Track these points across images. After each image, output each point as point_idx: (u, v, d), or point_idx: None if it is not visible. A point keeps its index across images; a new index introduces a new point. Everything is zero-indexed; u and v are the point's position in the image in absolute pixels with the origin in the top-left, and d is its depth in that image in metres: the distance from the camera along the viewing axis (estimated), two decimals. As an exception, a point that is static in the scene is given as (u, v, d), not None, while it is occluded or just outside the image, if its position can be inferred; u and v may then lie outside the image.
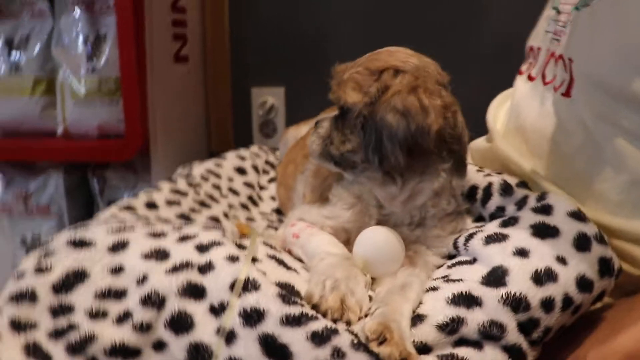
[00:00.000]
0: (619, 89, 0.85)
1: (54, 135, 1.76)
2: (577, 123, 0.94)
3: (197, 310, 0.73)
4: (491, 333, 0.72)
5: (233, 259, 0.77)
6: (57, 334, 0.71)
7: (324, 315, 0.72)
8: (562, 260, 0.78)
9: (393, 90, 0.85)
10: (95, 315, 0.73)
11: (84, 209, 1.84)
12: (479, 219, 0.97)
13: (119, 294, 0.75)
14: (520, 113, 1.09)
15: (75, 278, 0.75)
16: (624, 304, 0.87)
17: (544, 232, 0.81)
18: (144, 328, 0.72)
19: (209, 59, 1.98)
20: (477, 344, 0.72)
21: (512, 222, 0.85)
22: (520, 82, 1.15)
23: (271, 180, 1.44)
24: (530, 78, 1.11)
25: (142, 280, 0.75)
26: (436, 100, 0.85)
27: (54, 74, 1.78)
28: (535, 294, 0.74)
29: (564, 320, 0.77)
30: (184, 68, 1.85)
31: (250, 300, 0.71)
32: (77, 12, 1.70)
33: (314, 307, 0.74)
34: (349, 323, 0.73)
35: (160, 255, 0.78)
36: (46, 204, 1.79)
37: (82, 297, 0.74)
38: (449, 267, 0.86)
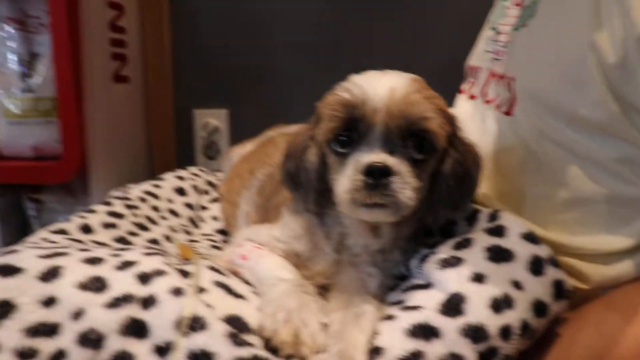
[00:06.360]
0: (558, 105, 0.87)
1: (-13, 156, 1.68)
2: (519, 141, 0.95)
3: (140, 350, 0.67)
4: None
5: (177, 292, 0.72)
6: None
7: (278, 350, 0.70)
8: (517, 285, 0.77)
9: (467, 138, 0.90)
10: (24, 355, 0.66)
11: (19, 234, 1.75)
12: (428, 233, 0.96)
13: (51, 330, 0.67)
14: (462, 131, 1.10)
15: (1, 310, 0.68)
16: (576, 319, 0.87)
17: (498, 255, 0.80)
18: None
19: (150, 79, 1.94)
20: None
21: (465, 244, 0.84)
22: (461, 101, 1.16)
23: (213, 201, 1.41)
24: (471, 97, 1.12)
25: (78, 314, 0.69)
26: None
27: (-15, 93, 1.71)
28: (494, 323, 0.73)
29: (521, 346, 0.76)
30: (124, 88, 1.80)
31: (198, 341, 0.67)
32: (8, 29, 1.62)
33: (267, 340, 0.71)
34: (302, 359, 0.71)
35: (98, 285, 0.71)
36: (-23, 229, 1.71)
37: (8, 334, 0.66)
38: (404, 291, 0.84)
